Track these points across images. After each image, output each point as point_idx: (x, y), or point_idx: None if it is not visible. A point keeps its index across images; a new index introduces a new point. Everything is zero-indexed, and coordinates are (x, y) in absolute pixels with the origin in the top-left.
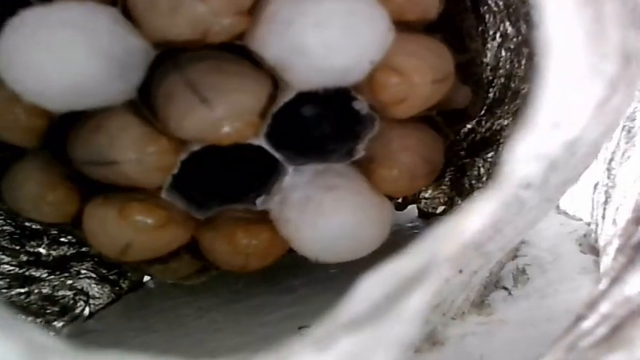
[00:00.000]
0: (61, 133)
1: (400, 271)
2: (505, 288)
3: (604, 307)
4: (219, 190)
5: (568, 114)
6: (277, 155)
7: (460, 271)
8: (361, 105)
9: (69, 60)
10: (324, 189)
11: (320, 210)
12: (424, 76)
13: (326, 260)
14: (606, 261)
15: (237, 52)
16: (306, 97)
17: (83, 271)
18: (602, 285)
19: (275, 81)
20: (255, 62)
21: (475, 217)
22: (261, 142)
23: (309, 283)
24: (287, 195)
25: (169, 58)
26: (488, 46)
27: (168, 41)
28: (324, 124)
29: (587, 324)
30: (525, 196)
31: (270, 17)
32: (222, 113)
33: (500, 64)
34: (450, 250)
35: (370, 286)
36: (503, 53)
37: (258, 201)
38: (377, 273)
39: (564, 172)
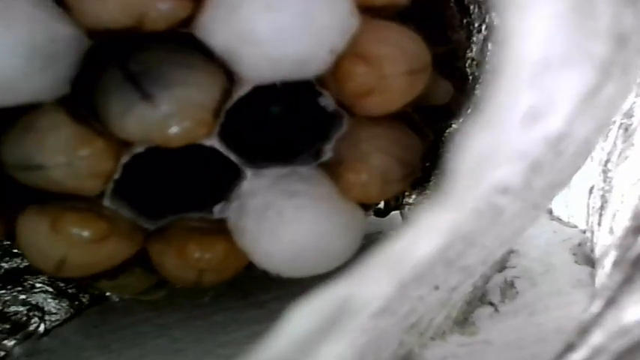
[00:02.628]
0: None
1: (337, 297)
2: (491, 303)
3: (597, 338)
4: (169, 197)
5: (548, 104)
6: (233, 157)
7: (436, 288)
8: (327, 101)
9: None
10: (286, 195)
11: (280, 218)
12: (396, 65)
13: (289, 275)
14: (602, 275)
15: (184, 41)
16: (263, 92)
17: (38, 285)
18: (596, 307)
19: (228, 74)
20: (205, 53)
21: (427, 233)
22: (214, 142)
23: (281, 298)
24: (245, 202)
25: (107, 49)
26: (474, 39)
27: (102, 28)
28: (285, 121)
29: (576, 357)
30: (502, 203)
31: (215, 1)
32: (168, 110)
33: (487, 58)
34: (417, 270)
35: (300, 315)
36: (490, 47)
37: (216, 209)
38: (309, 302)
39: (550, 174)
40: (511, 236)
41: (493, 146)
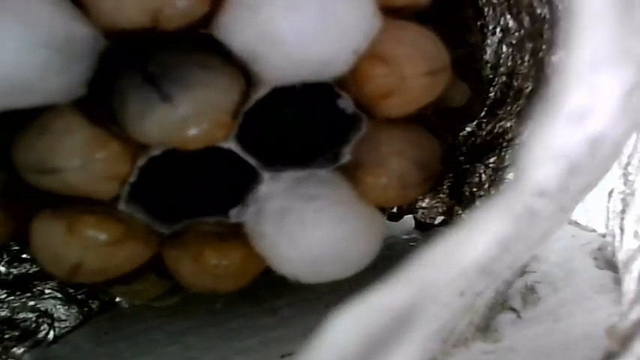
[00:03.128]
0: (3, 136)
1: (386, 305)
2: (513, 309)
3: None
4: (185, 201)
5: (593, 104)
6: (250, 160)
7: (461, 294)
8: (346, 103)
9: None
10: (305, 198)
11: (299, 223)
12: (416, 66)
13: (307, 281)
14: (630, 281)
15: (203, 42)
16: (282, 94)
17: (47, 291)
18: (636, 313)
19: (247, 75)
20: (224, 54)
21: (478, 236)
22: (231, 145)
23: (295, 304)
24: (263, 206)
25: (125, 50)
26: (488, 41)
27: (119, 28)
28: (303, 124)
29: None
30: (539, 206)
31: (236, 1)
32: (187, 112)
33: (502, 61)
34: (450, 275)
35: (344, 327)
36: (505, 49)
37: (232, 213)
38: (354, 307)
39: (584, 176)
40: (538, 240)
41: (545, 148)
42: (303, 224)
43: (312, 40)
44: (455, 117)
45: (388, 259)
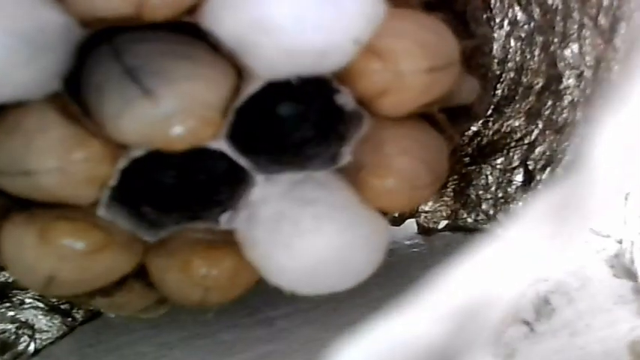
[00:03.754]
0: None
1: (412, 342)
2: (526, 322)
3: None
4: (172, 206)
5: None
6: (242, 161)
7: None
8: (346, 99)
9: None
10: (301, 203)
11: (296, 230)
12: (415, 62)
13: (304, 293)
14: None
15: (188, 32)
16: (276, 89)
17: (28, 301)
18: None
19: (238, 68)
20: (211, 45)
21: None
22: (221, 145)
23: (292, 315)
24: (256, 211)
25: (104, 41)
26: (495, 35)
27: (98, 17)
28: (300, 122)
29: None
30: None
31: None
32: (170, 108)
33: (510, 55)
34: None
35: None
36: (513, 43)
37: (223, 218)
38: (364, 341)
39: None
40: (560, 249)
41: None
42: (299, 231)
43: (309, 27)
44: (461, 114)
45: (390, 265)
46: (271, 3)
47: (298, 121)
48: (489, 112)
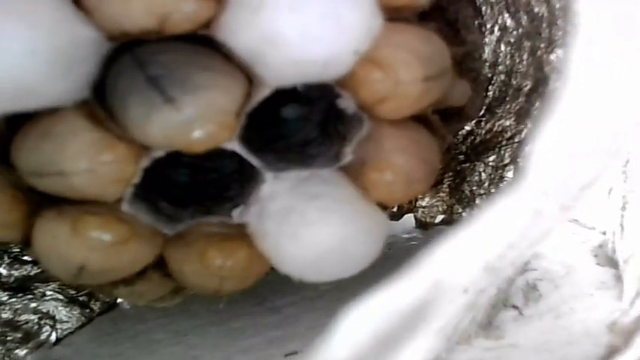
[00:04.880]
0: (7, 139)
1: (396, 302)
2: (515, 307)
3: None
4: (189, 201)
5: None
6: (253, 160)
7: (465, 291)
8: (347, 103)
9: (3, 52)
10: (308, 198)
11: (303, 222)
12: (412, 71)
13: (311, 279)
14: (630, 278)
15: (203, 43)
16: (284, 95)
17: (49, 293)
18: (637, 309)
19: (249, 76)
20: (225, 55)
21: (483, 234)
22: (234, 146)
23: (297, 303)
24: (266, 205)
25: (127, 52)
26: (486, 40)
27: (124, 31)
28: (305, 124)
29: None
30: (542, 206)
31: (237, 2)
32: (191, 114)
33: (500, 59)
34: (456, 272)
35: (355, 325)
36: (503, 48)
37: (235, 213)
38: (365, 304)
39: (584, 175)
40: (540, 238)
41: (543, 145)
42: (306, 223)
43: (314, 41)
44: (454, 115)
45: (389, 257)
46: (279, 19)
47: (303, 123)
48: (482, 112)
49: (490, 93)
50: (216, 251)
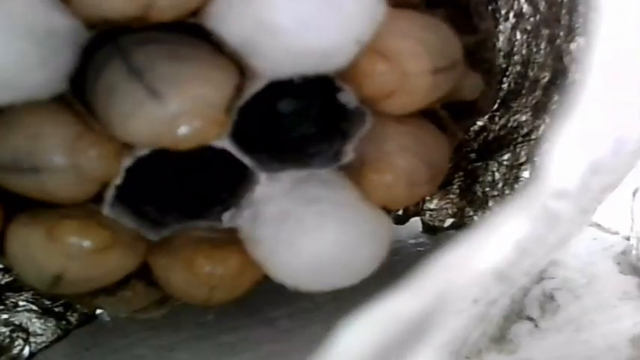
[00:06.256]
0: None
1: (399, 313)
2: (530, 319)
3: None
4: (175, 204)
5: (617, 98)
6: (245, 160)
7: (475, 301)
8: (348, 97)
9: None
10: (305, 201)
11: (300, 227)
12: (420, 63)
13: (308, 289)
14: None
15: (192, 33)
16: (279, 88)
17: (22, 303)
18: None
19: (241, 68)
20: (215, 45)
21: (495, 238)
22: (224, 143)
23: (293, 315)
24: (259, 209)
25: (109, 42)
26: (501, 28)
27: (105, 19)
28: (302, 120)
29: None
30: (558, 208)
31: None
32: (177, 109)
33: (515, 49)
34: (464, 281)
35: (357, 335)
36: (519, 36)
37: (225, 217)
38: (366, 315)
39: (607, 175)
40: (557, 244)
41: (568, 147)
42: (303, 229)
43: (313, 28)
44: (465, 110)
45: (394, 265)
46: (275, 5)
47: (299, 118)
48: (495, 106)
49: (504, 85)
50: (205, 258)
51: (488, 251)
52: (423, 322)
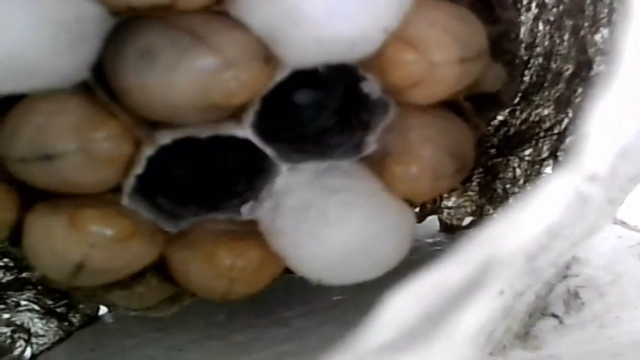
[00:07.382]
0: None
1: (444, 283)
2: (555, 315)
3: None
4: (194, 196)
5: None
6: (267, 150)
7: (501, 293)
8: (372, 87)
9: (4, 27)
10: (328, 192)
11: (323, 218)
12: (448, 53)
13: (331, 282)
14: None
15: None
16: (303, 77)
17: (23, 303)
18: None
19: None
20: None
21: (527, 220)
22: (247, 133)
23: (307, 314)
24: (281, 201)
25: (129, 27)
26: (523, 18)
27: (130, 6)
28: (325, 110)
29: None
30: (590, 192)
31: None
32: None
33: (538, 40)
34: (506, 252)
35: (403, 305)
36: (541, 27)
37: (244, 208)
38: (409, 288)
39: (633, 162)
40: (584, 235)
41: (593, 129)
42: (327, 220)
43: (340, 17)
44: (487, 103)
45: (410, 264)
46: None
47: (323, 109)
48: (517, 100)
49: (526, 78)
50: (225, 250)
51: (517, 234)
52: (466, 290)
